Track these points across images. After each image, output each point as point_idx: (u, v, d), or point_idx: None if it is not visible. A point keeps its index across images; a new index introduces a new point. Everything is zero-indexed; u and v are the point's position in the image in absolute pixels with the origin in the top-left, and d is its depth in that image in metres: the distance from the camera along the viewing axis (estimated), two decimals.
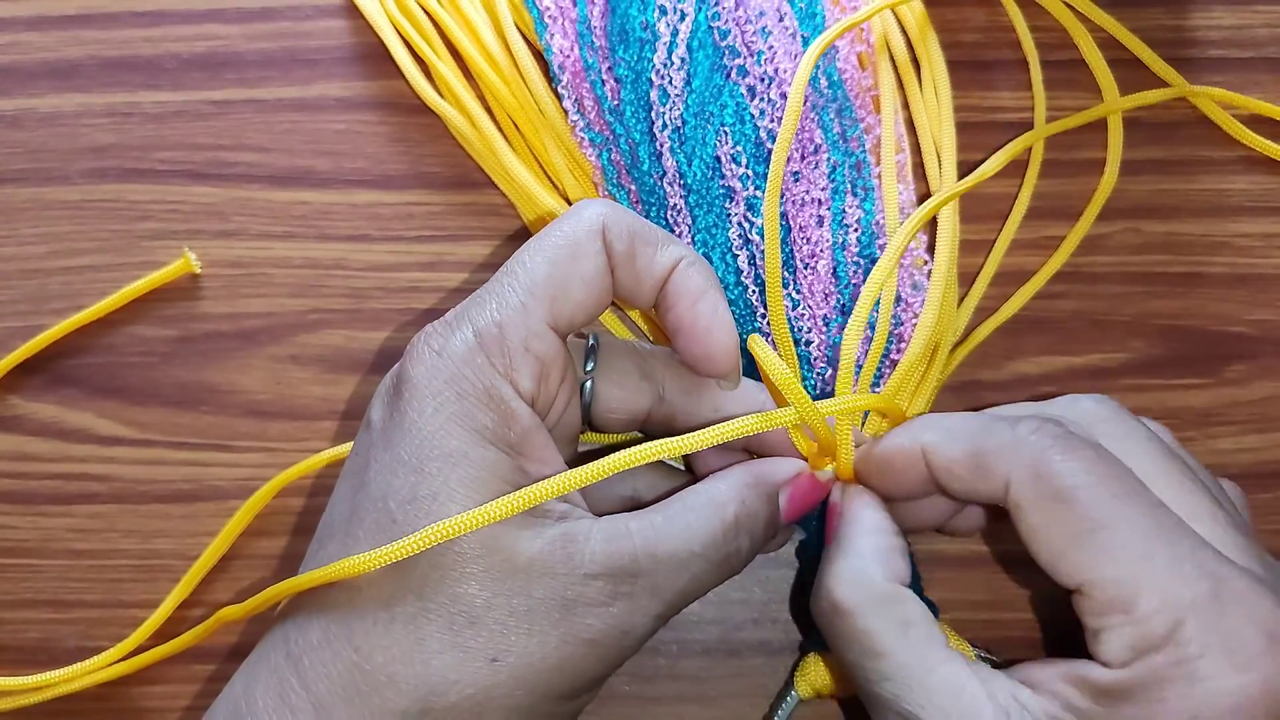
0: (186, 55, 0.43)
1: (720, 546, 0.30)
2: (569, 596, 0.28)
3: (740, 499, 0.30)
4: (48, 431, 0.40)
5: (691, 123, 0.37)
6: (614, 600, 0.28)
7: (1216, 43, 0.42)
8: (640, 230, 0.31)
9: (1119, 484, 0.28)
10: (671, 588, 0.29)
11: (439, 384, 0.29)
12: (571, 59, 0.39)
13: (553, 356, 0.30)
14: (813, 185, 0.37)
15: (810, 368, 0.36)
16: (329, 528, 0.30)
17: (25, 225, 0.41)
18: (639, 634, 0.29)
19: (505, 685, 0.27)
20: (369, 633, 0.27)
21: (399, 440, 0.29)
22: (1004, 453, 0.29)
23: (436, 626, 0.27)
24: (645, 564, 0.29)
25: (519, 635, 0.27)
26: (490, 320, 0.29)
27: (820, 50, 0.36)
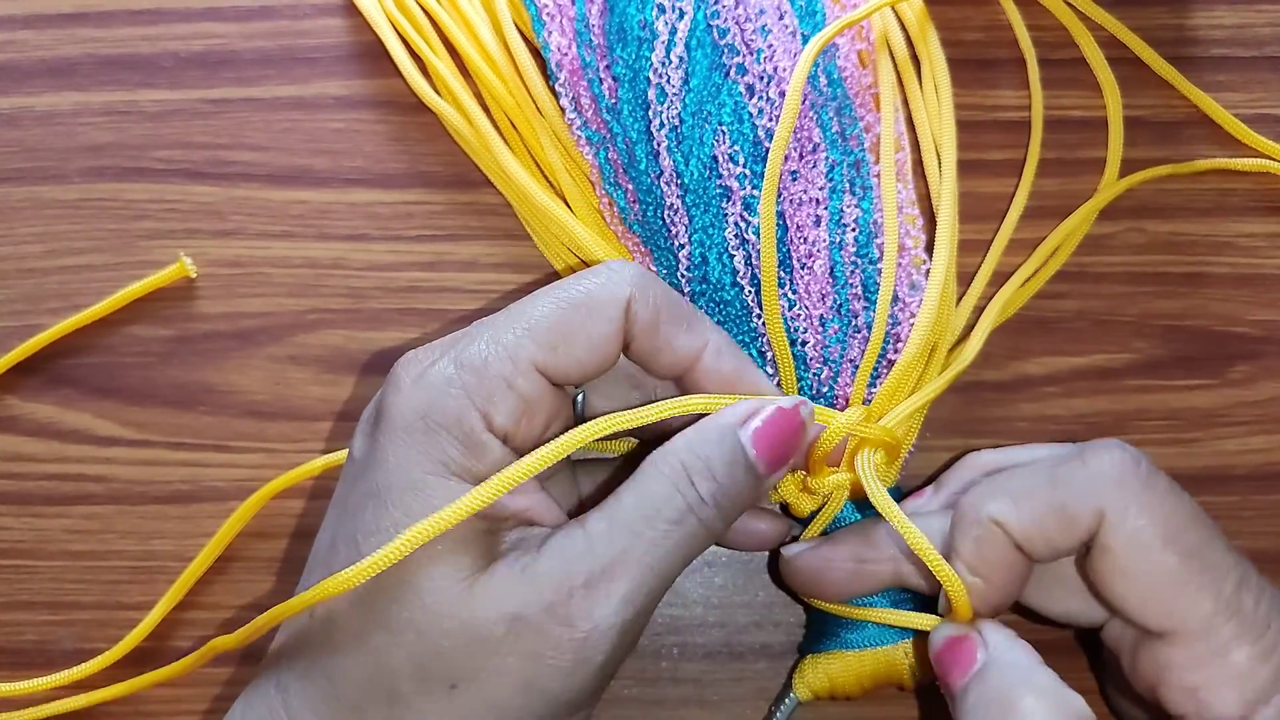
0: (184, 54, 0.42)
1: (672, 499, 0.28)
2: (519, 608, 0.27)
3: (685, 448, 0.29)
4: (45, 432, 0.39)
5: (689, 122, 0.37)
6: (570, 599, 0.27)
7: (1219, 42, 0.42)
8: (669, 306, 0.30)
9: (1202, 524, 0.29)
10: (631, 564, 0.28)
11: (410, 415, 0.29)
12: (569, 57, 0.39)
13: (538, 398, 0.29)
14: (810, 184, 0.37)
15: (806, 368, 0.36)
16: (315, 557, 0.30)
17: (22, 224, 0.41)
18: (609, 630, 0.27)
19: (470, 710, 0.27)
20: (342, 666, 0.28)
21: (371, 472, 0.29)
22: (1087, 495, 0.30)
23: (400, 657, 0.27)
24: (597, 548, 0.28)
25: (476, 659, 0.27)
26: (477, 353, 0.29)
27: (818, 48, 0.36)
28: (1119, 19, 0.42)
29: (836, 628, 0.35)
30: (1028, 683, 0.28)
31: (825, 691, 0.35)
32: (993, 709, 0.28)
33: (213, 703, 0.37)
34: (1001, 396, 0.39)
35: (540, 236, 0.40)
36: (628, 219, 0.38)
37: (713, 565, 0.38)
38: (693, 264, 0.36)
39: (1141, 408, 0.39)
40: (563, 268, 0.40)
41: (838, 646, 0.34)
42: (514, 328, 0.29)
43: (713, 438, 0.29)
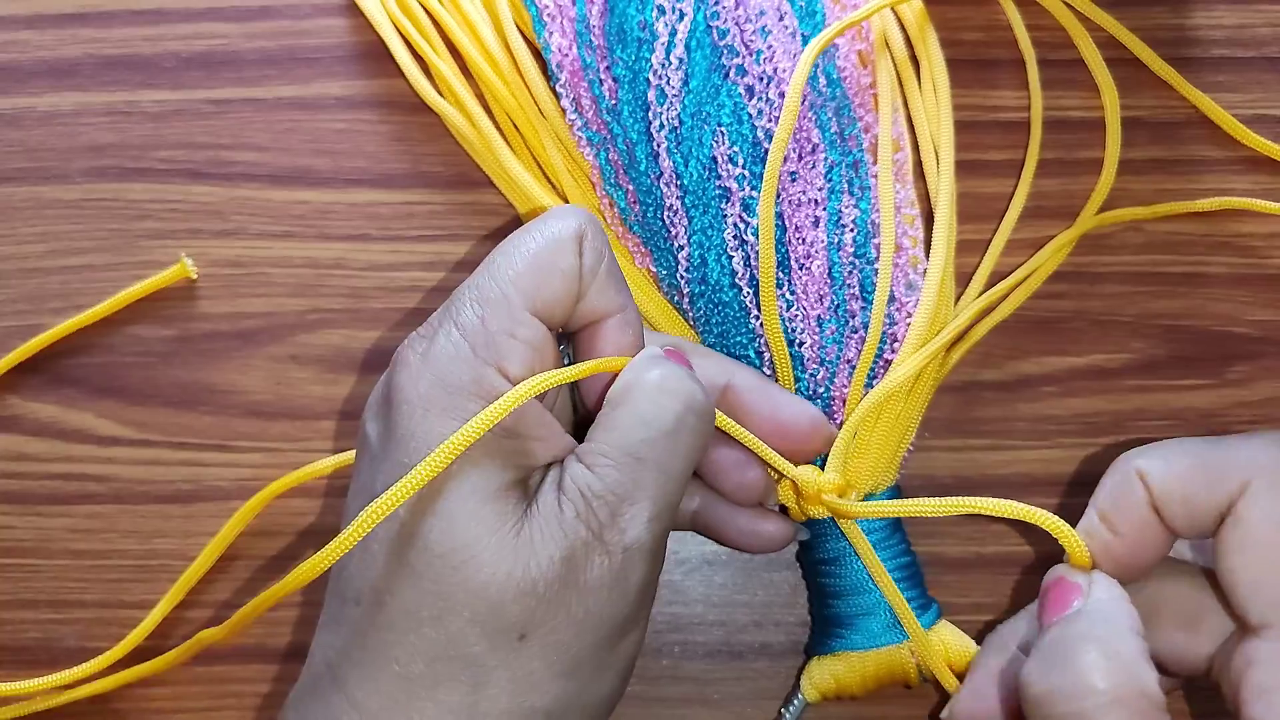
0: (185, 54, 0.42)
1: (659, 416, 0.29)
2: (565, 551, 0.28)
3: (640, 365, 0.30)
4: (47, 431, 0.39)
5: (689, 123, 0.37)
6: (602, 529, 0.28)
7: (1218, 42, 0.42)
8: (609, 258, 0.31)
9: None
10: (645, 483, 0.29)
11: (425, 386, 0.29)
12: (570, 58, 0.39)
13: (541, 342, 0.30)
14: (809, 185, 0.37)
15: (803, 368, 0.36)
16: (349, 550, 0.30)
17: (24, 224, 0.41)
18: (644, 548, 0.29)
19: (540, 658, 0.28)
20: (402, 643, 0.28)
21: (396, 448, 0.29)
22: (1237, 465, 0.29)
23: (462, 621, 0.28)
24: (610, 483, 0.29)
25: (537, 607, 0.28)
26: (472, 314, 0.29)
27: (818, 50, 0.36)
28: (1118, 19, 0.42)
29: (840, 629, 0.35)
30: (1102, 640, 0.28)
31: (832, 692, 0.35)
32: (1057, 653, 0.28)
33: (210, 700, 0.38)
34: (1000, 396, 0.39)
35: None
36: (628, 220, 0.38)
37: (713, 564, 0.38)
38: (692, 265, 0.37)
39: (1140, 408, 0.39)
40: None
41: (843, 647, 0.35)
42: (496, 281, 0.30)
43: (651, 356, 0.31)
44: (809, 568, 0.36)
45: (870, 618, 0.34)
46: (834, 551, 0.35)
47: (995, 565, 0.38)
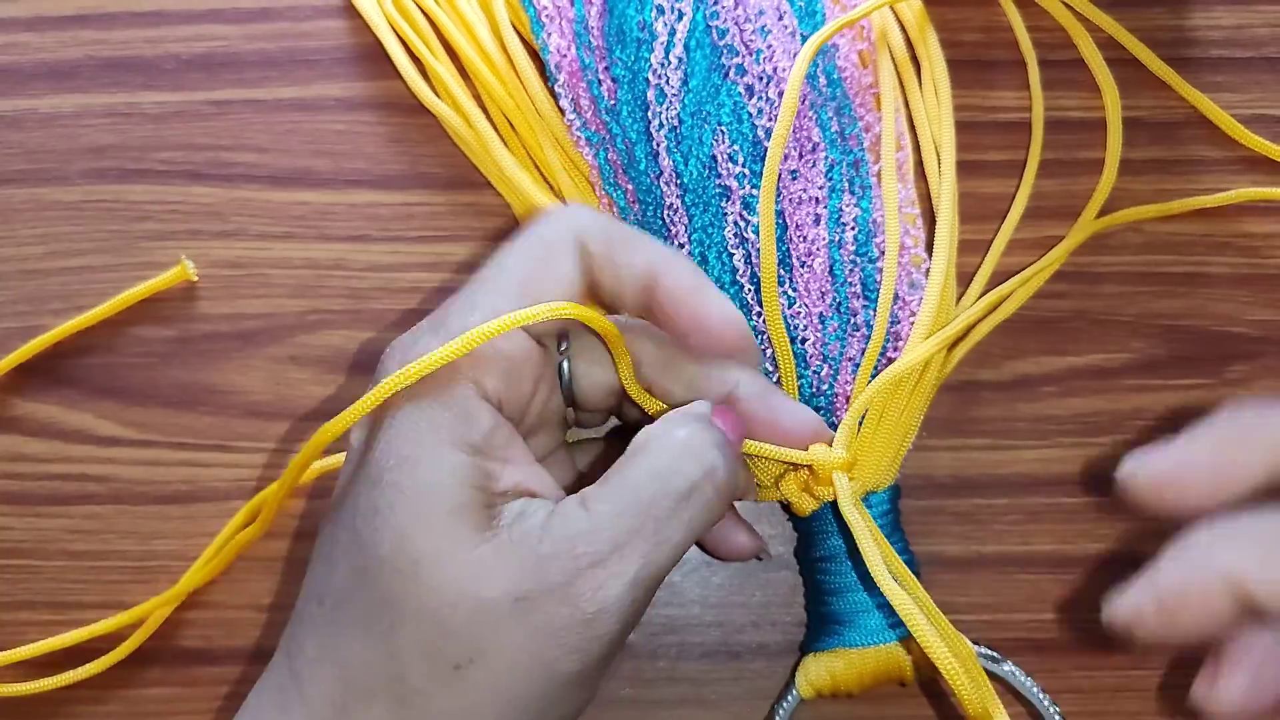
0: (186, 56, 0.43)
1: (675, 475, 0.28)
2: (525, 589, 0.27)
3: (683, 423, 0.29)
4: (46, 432, 0.39)
5: (688, 122, 0.37)
6: (575, 578, 0.27)
7: (1217, 43, 0.42)
8: (617, 230, 0.31)
9: None
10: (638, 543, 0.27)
11: (399, 394, 0.29)
12: (568, 59, 0.39)
13: (523, 355, 0.30)
14: (810, 184, 0.37)
15: (806, 365, 0.36)
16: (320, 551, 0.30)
17: (24, 226, 0.41)
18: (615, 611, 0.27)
19: (474, 694, 0.27)
20: (351, 648, 0.28)
21: (367, 458, 0.29)
22: None
23: (406, 637, 0.27)
24: (603, 526, 0.27)
25: (482, 638, 0.27)
26: (458, 323, 0.29)
27: (815, 47, 0.36)
28: (1117, 20, 0.42)
29: (838, 625, 0.35)
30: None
31: (828, 689, 0.35)
32: None
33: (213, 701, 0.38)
34: (999, 396, 0.39)
35: None
36: (627, 219, 0.38)
37: (710, 565, 0.38)
38: None
39: (1139, 407, 0.39)
40: None
41: (839, 644, 0.35)
42: (485, 290, 0.30)
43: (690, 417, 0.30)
44: (807, 565, 0.36)
45: (868, 615, 0.34)
46: (833, 549, 0.35)
47: (995, 565, 0.38)
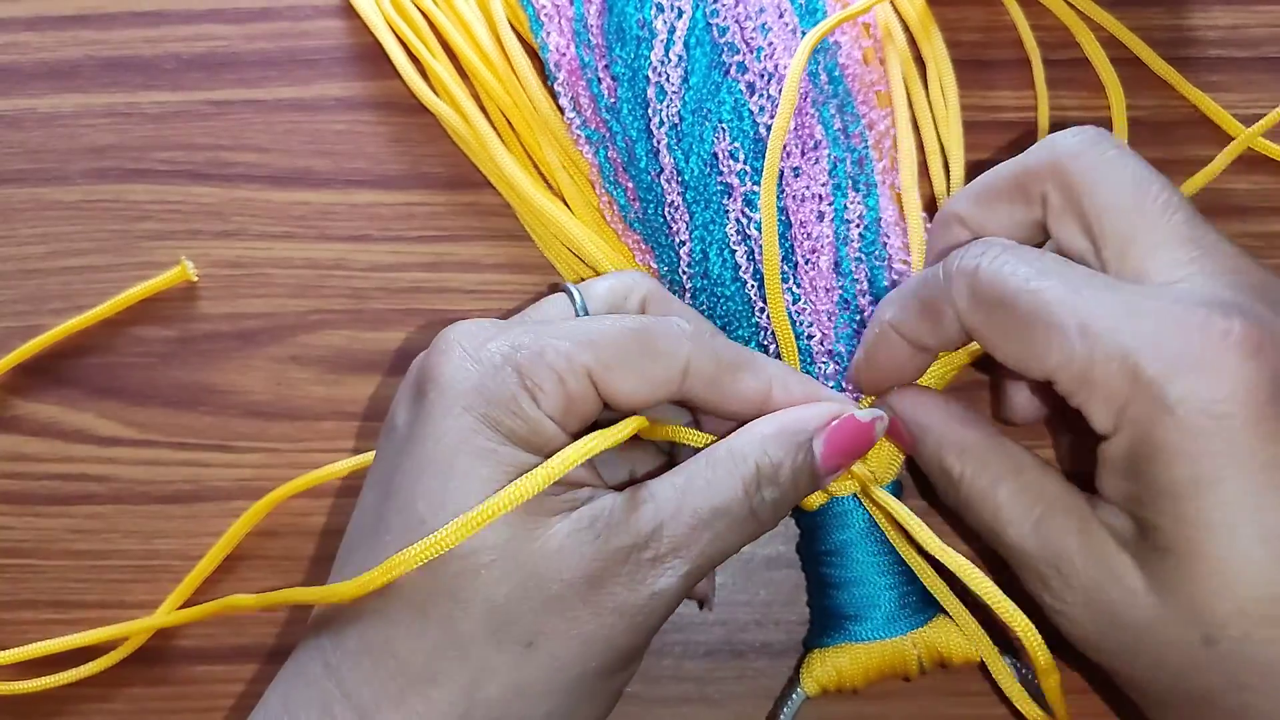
0: (186, 55, 0.43)
1: (742, 501, 0.30)
2: (594, 572, 0.28)
3: (761, 449, 0.31)
4: (47, 432, 0.39)
5: (689, 119, 0.37)
6: (639, 567, 0.29)
7: (1214, 42, 0.42)
8: (728, 355, 0.32)
9: (1046, 271, 0.29)
10: (696, 546, 0.29)
11: (467, 387, 0.29)
12: (568, 57, 0.39)
13: (582, 402, 0.30)
14: (813, 181, 0.37)
15: (812, 361, 0.36)
16: (357, 537, 0.30)
17: (24, 226, 0.41)
18: (668, 596, 0.29)
19: (542, 669, 0.28)
20: (406, 637, 0.28)
21: (425, 442, 0.29)
22: (943, 294, 0.30)
23: (472, 623, 0.28)
24: (667, 524, 0.29)
25: (551, 618, 0.28)
26: (534, 343, 0.29)
27: (813, 42, 0.36)
28: (1117, 19, 0.42)
29: (843, 620, 0.35)
30: None
31: (833, 685, 0.35)
32: None
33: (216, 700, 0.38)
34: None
35: (540, 237, 0.40)
36: (628, 217, 0.38)
37: None
38: (693, 260, 0.37)
39: None
40: (564, 269, 0.40)
41: (845, 639, 0.35)
42: (573, 334, 0.30)
43: (790, 443, 0.31)
44: (810, 560, 0.36)
45: (873, 609, 0.34)
46: (838, 542, 0.35)
47: (994, 565, 0.38)
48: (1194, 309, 0.27)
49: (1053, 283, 0.28)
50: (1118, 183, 0.30)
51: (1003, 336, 0.29)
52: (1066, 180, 0.30)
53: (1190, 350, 0.27)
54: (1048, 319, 0.28)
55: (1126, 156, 0.30)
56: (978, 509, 0.31)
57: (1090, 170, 0.30)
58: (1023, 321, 0.28)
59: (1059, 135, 0.31)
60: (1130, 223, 0.29)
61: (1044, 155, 0.31)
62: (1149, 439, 0.27)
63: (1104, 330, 0.27)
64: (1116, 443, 0.28)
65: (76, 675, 0.37)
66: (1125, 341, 0.27)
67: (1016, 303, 0.29)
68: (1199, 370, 0.26)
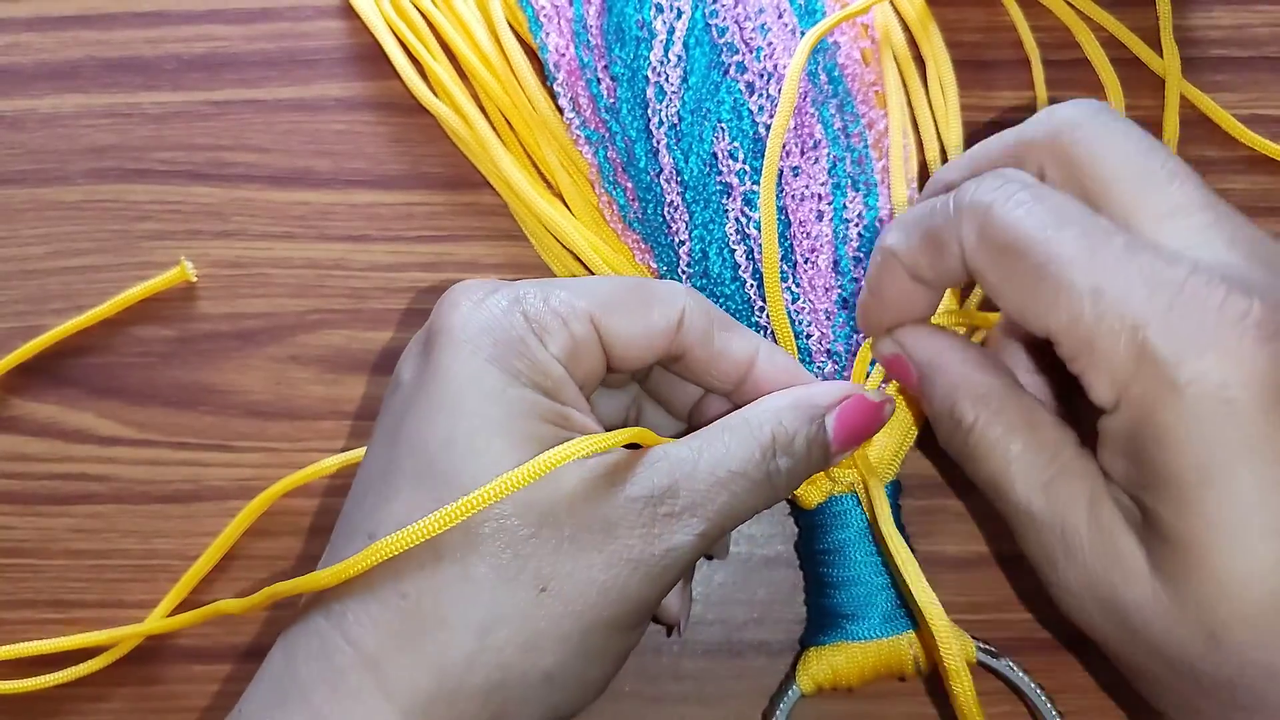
0: (186, 56, 0.43)
1: (759, 464, 0.30)
2: (611, 519, 0.28)
3: (776, 419, 0.31)
4: (47, 431, 0.39)
5: (688, 119, 0.37)
6: (655, 520, 0.28)
7: (1216, 42, 0.42)
8: (720, 316, 0.32)
9: (1066, 220, 0.27)
10: (712, 505, 0.29)
11: (474, 330, 0.29)
12: (567, 58, 0.39)
13: (587, 347, 0.30)
14: (812, 180, 0.37)
15: (810, 360, 0.36)
16: (365, 485, 0.30)
17: (25, 226, 0.41)
18: (683, 553, 0.29)
19: (555, 615, 0.28)
20: (416, 577, 0.27)
21: (434, 386, 0.29)
22: (949, 227, 0.28)
23: (484, 563, 0.27)
24: (683, 482, 0.29)
25: (566, 561, 0.28)
26: (535, 293, 0.30)
27: (813, 42, 0.36)
28: (1117, 19, 0.42)
29: (840, 619, 0.35)
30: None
31: (828, 683, 0.35)
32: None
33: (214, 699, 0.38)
34: None
35: (537, 238, 0.40)
36: (627, 217, 0.38)
37: (711, 564, 0.38)
38: (693, 259, 0.37)
39: None
40: (561, 270, 0.40)
41: (841, 638, 0.35)
42: (574, 285, 0.31)
43: (804, 415, 0.31)
44: (809, 558, 0.36)
45: (870, 608, 0.34)
46: (837, 541, 0.35)
47: (993, 564, 0.38)
48: (1213, 285, 0.25)
49: (1071, 234, 0.26)
50: (1122, 152, 0.28)
51: (1008, 284, 0.27)
52: (1067, 152, 0.29)
53: (1205, 330, 0.25)
54: (1058, 275, 0.26)
55: (1129, 126, 0.29)
56: (985, 461, 0.29)
57: (1093, 141, 0.28)
58: (1032, 272, 0.26)
59: (1059, 106, 0.30)
60: (1137, 192, 0.28)
61: (1043, 126, 0.29)
62: (1153, 420, 0.25)
63: (1117, 296, 0.25)
64: (1117, 420, 0.26)
65: (73, 675, 0.37)
66: (1137, 312, 0.25)
67: (1028, 251, 0.27)
68: (1212, 352, 0.25)
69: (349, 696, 0.27)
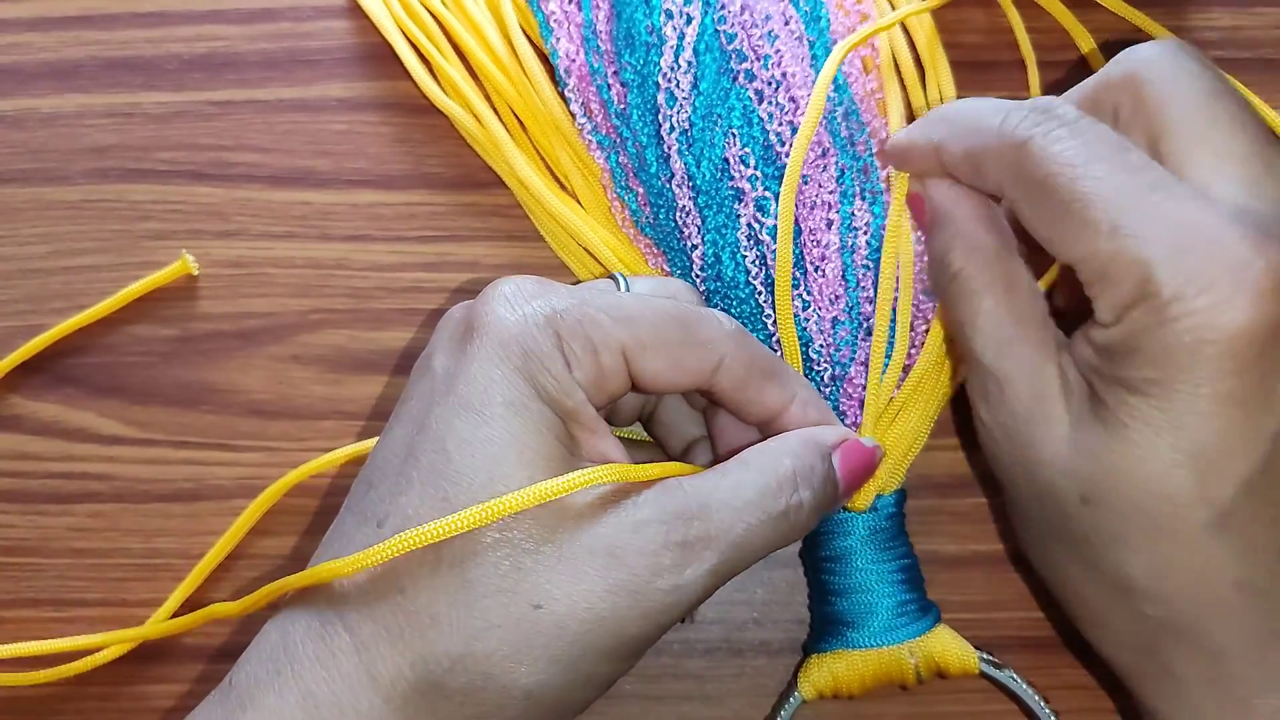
0: (188, 56, 0.43)
1: (776, 495, 0.30)
2: (618, 544, 0.28)
3: (795, 453, 0.31)
4: (48, 431, 0.40)
5: (699, 125, 0.37)
6: (664, 550, 0.28)
7: (1213, 43, 0.42)
8: (761, 363, 0.32)
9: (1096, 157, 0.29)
10: (728, 537, 0.29)
11: (509, 336, 0.29)
12: (577, 63, 0.39)
13: (612, 378, 0.30)
14: (822, 189, 0.37)
15: (813, 368, 0.36)
16: (380, 470, 0.30)
17: (26, 225, 0.41)
18: (690, 591, 0.28)
19: (546, 634, 0.27)
20: (415, 574, 0.28)
21: (463, 384, 0.29)
22: (991, 151, 0.31)
23: (483, 570, 0.27)
24: (699, 511, 0.29)
25: (564, 582, 0.27)
26: (575, 311, 0.30)
27: (845, 53, 0.36)
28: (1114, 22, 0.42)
29: (841, 627, 0.35)
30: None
31: (829, 691, 0.35)
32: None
33: None
34: None
35: (554, 238, 0.40)
36: (639, 221, 0.38)
37: None
38: (706, 263, 0.37)
39: None
40: (580, 270, 0.40)
41: (842, 646, 0.35)
42: (615, 308, 0.30)
43: (816, 450, 0.31)
44: (812, 565, 0.36)
45: (871, 617, 0.35)
46: (840, 549, 0.35)
47: (991, 563, 0.38)
48: (1229, 231, 0.27)
49: (1099, 171, 0.28)
50: (1190, 95, 0.29)
51: (1036, 214, 0.30)
52: (1139, 91, 0.30)
53: (1205, 274, 0.27)
54: (1082, 212, 0.28)
55: (1202, 69, 0.30)
56: (957, 307, 0.32)
57: (1164, 82, 0.30)
58: (1059, 206, 0.29)
59: (1138, 46, 0.31)
60: (1196, 136, 0.29)
61: (1121, 66, 0.31)
62: (1137, 339, 0.28)
63: (1133, 235, 0.27)
64: (1110, 331, 0.29)
65: (72, 670, 0.37)
66: (1149, 252, 0.27)
67: (1056, 186, 0.29)
68: (1206, 296, 0.27)
69: (340, 679, 0.27)
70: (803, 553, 0.37)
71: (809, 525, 0.31)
